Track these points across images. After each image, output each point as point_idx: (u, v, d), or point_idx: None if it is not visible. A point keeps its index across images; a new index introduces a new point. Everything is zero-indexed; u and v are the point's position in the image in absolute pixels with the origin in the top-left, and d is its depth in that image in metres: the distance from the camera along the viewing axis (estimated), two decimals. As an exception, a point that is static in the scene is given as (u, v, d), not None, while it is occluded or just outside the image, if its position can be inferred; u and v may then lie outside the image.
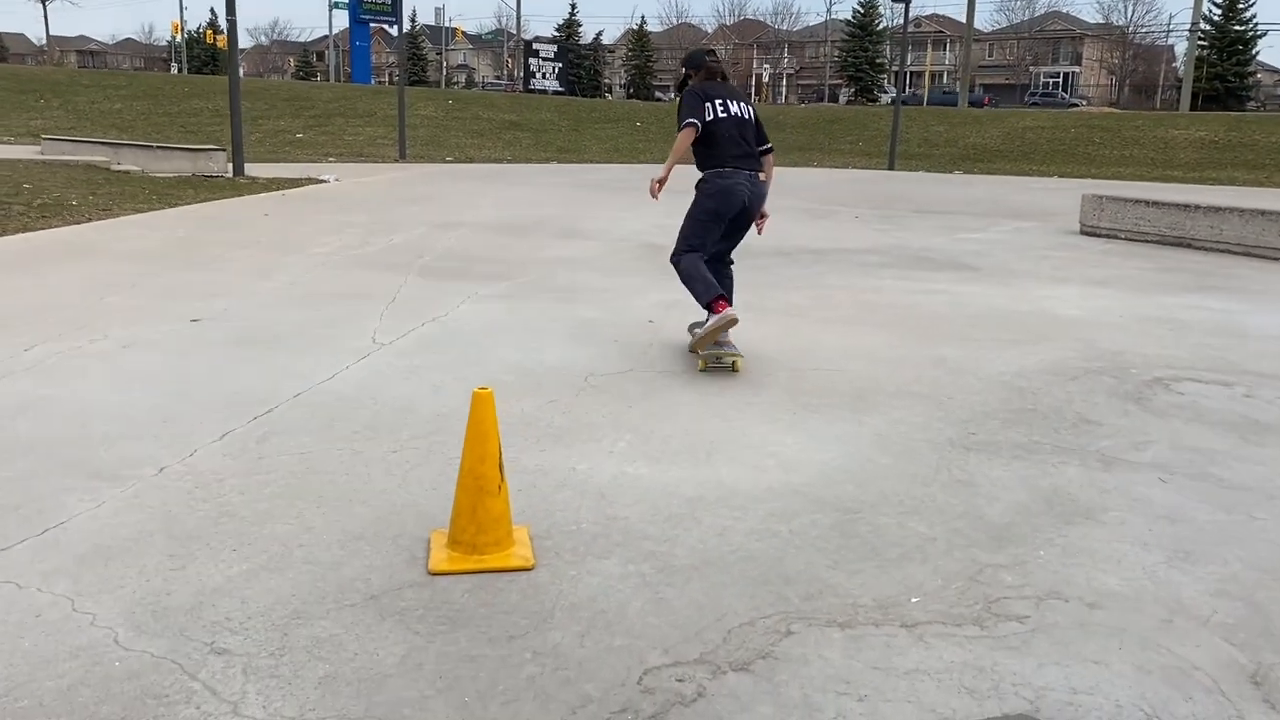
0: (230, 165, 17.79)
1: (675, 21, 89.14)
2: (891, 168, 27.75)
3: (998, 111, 46.10)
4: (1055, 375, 5.42)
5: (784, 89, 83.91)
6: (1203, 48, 53.99)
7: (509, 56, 75.54)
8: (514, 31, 71.27)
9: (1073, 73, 76.10)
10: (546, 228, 11.60)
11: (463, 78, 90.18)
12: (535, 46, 59.15)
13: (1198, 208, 11.63)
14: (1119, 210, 12.39)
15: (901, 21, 33.16)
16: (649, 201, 5.68)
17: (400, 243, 9.90)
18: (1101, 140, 34.30)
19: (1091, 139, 34.62)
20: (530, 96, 49.72)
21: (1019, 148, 33.53)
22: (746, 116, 5.39)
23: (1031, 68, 76.61)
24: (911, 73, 71.08)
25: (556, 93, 55.33)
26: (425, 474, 3.66)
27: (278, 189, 15.64)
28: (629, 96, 70.18)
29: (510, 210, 13.47)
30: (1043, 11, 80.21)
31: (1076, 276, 9.10)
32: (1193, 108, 49.69)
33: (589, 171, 23.34)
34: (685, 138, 5.22)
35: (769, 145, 5.51)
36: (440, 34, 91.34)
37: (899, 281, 8.51)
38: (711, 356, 5.31)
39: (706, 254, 5.41)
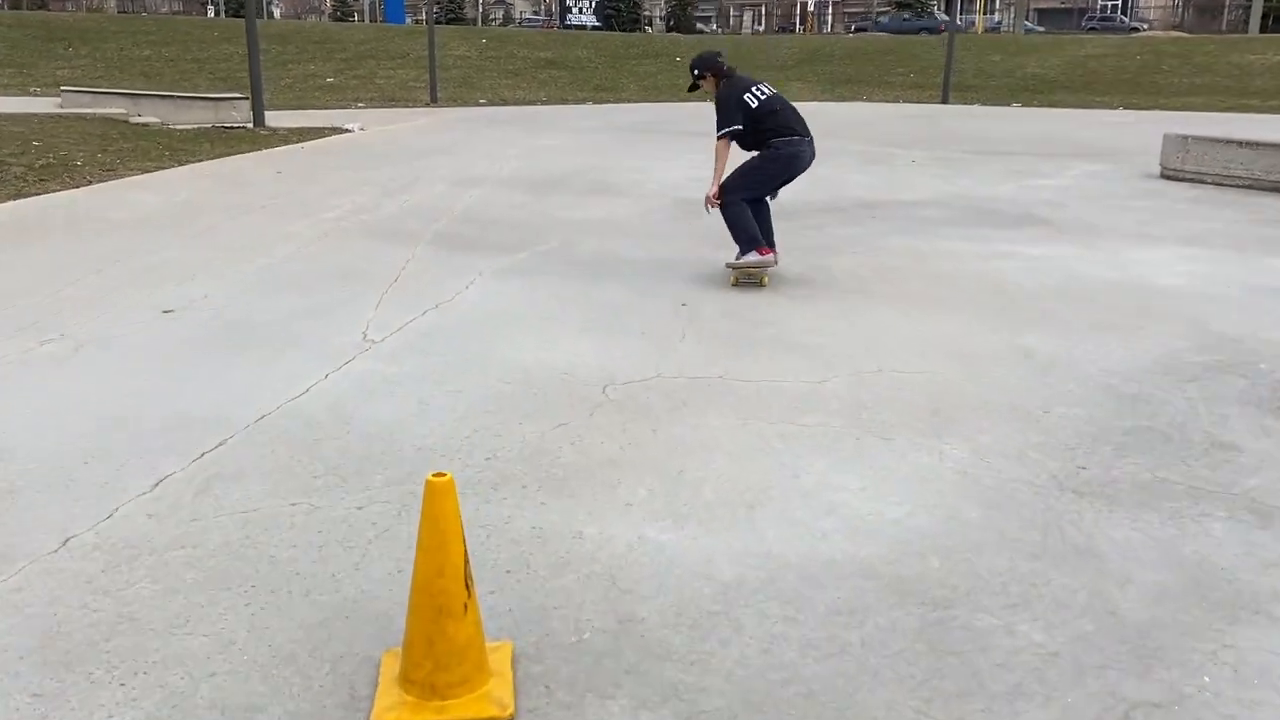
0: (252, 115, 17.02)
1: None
2: (945, 101, 26.28)
3: (1057, 39, 43.82)
4: (1168, 374, 4.51)
5: (829, 18, 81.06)
6: (1275, -38, 50.85)
7: (546, -10, 73.70)
8: (550, -36, 69.31)
9: (1134, -6, 72.37)
10: (575, 182, 10.71)
11: (500, 14, 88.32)
12: (572, -20, 57.48)
13: (1298, 147, 10.44)
14: (1205, 151, 11.19)
15: (955, -56, 31.23)
16: (685, 148, 5.36)
17: (414, 204, 9.09)
18: (1170, 68, 32.32)
19: (1159, 66, 32.65)
20: (567, 33, 48.31)
21: (1081, 77, 31.68)
22: (779, 94, 5.93)
23: (1090, -11, 73.00)
24: (963, -2, 67.88)
25: (594, 28, 53.81)
26: (391, 545, 2.88)
27: (298, 140, 14.84)
28: (669, 29, 68.02)
29: (538, 161, 12.56)
30: (1102, -71, 76.17)
31: (1168, 233, 8.06)
32: (1262, 29, 46.94)
33: (626, 112, 22.26)
34: (724, 151, 5.73)
35: None
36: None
37: (966, 243, 7.55)
38: (743, 274, 5.92)
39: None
